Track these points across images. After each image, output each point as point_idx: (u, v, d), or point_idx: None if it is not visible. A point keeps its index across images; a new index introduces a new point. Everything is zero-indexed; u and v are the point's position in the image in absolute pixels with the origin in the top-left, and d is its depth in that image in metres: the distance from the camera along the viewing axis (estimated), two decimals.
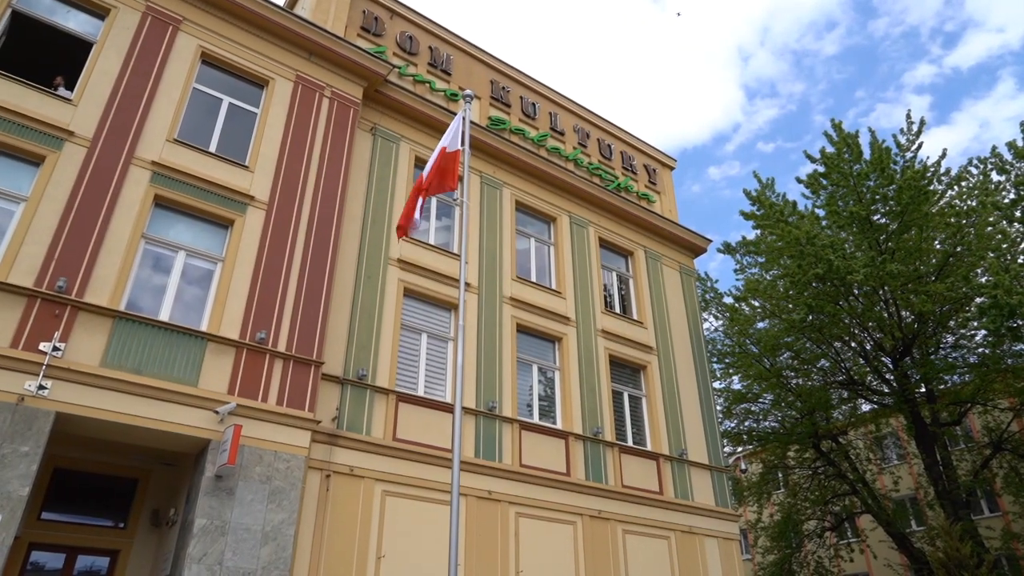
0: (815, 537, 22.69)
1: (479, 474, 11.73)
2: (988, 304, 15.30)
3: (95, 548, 10.03)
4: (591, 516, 12.83)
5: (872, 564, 27.31)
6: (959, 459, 21.56)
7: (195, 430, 9.09)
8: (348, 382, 11.11)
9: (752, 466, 25.26)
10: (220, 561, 8.62)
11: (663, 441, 14.97)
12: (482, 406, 12.44)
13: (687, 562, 13.77)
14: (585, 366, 14.50)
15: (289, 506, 9.36)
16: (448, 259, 13.46)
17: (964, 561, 14.18)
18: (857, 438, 23.35)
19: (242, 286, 10.37)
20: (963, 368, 19.26)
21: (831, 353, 21.32)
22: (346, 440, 10.64)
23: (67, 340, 8.61)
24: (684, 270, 18.44)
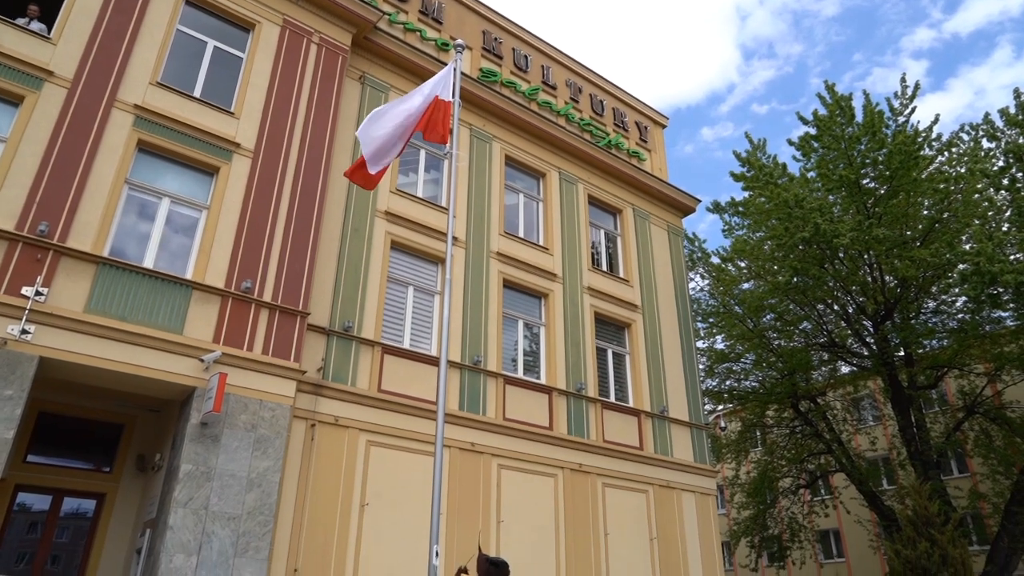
0: (790, 494, 23.30)
1: (463, 426, 11.90)
2: (970, 271, 15.46)
3: (81, 491, 10.17)
4: (572, 469, 13.10)
5: (843, 520, 28.18)
6: (933, 421, 22.07)
7: (180, 377, 9.13)
8: (334, 333, 11.15)
9: (731, 424, 25.77)
10: (206, 506, 8.76)
11: (645, 398, 15.21)
12: (467, 360, 12.55)
13: (664, 515, 14.15)
14: (570, 322, 14.61)
15: (274, 454, 9.48)
16: (436, 212, 13.39)
17: (931, 519, 14.64)
18: (835, 399, 23.80)
19: (227, 235, 10.29)
20: (942, 333, 19.55)
21: (814, 315, 21.58)
22: (331, 390, 10.73)
23: (50, 285, 8.55)
24: (672, 229, 18.46)
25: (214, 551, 8.60)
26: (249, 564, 8.76)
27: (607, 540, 12.99)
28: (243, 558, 8.74)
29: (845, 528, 29.63)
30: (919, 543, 14.28)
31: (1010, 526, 17.60)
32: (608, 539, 13.01)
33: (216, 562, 8.55)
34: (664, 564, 13.64)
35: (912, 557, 14.16)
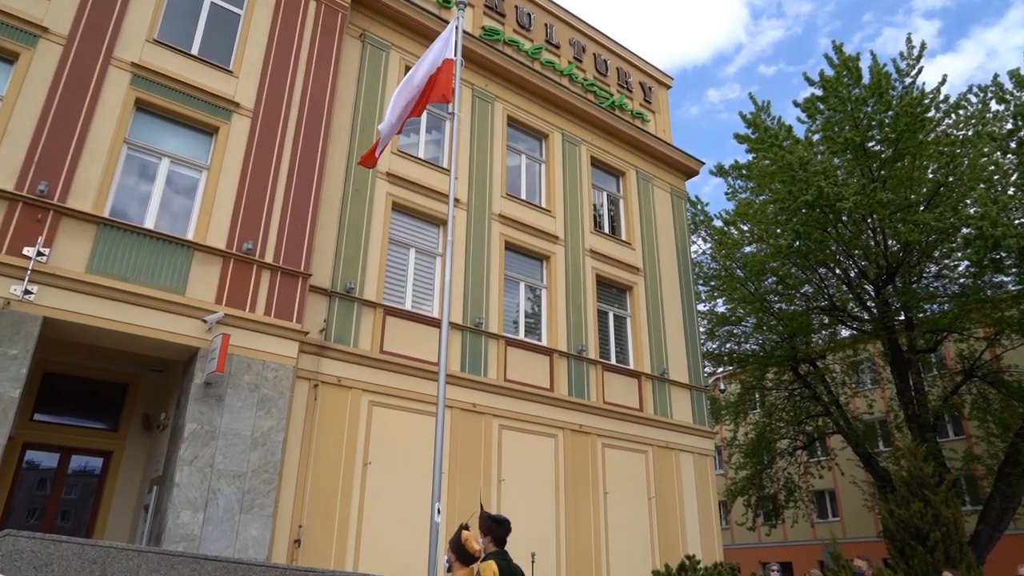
0: (787, 455, 23.62)
1: (464, 387, 12.01)
2: (973, 235, 15.39)
3: (88, 449, 10.32)
4: (572, 430, 13.25)
5: (839, 481, 28.61)
6: (931, 385, 22.23)
7: (183, 338, 9.18)
8: (336, 295, 11.17)
9: (731, 386, 25.98)
10: (211, 464, 8.89)
11: (645, 360, 15.30)
12: (469, 322, 12.60)
13: (663, 474, 14.36)
14: (572, 285, 14.62)
15: (278, 413, 9.58)
16: (437, 174, 13.29)
17: (926, 480, 14.84)
18: (834, 363, 23.94)
19: (228, 195, 10.23)
20: (943, 298, 19.57)
21: (815, 279, 21.57)
22: (334, 351, 10.80)
23: (51, 246, 8.54)
24: (675, 192, 18.34)
25: (220, 508, 8.76)
26: (255, 520, 8.93)
27: (606, 499, 13.22)
28: (248, 515, 8.91)
29: (840, 489, 30.09)
30: (913, 503, 14.50)
31: (1003, 487, 17.87)
32: (607, 498, 13.24)
33: (222, 518, 8.72)
34: (662, 522, 13.90)
35: (905, 516, 14.39)
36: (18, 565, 5.53)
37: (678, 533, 14.11)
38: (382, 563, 9.59)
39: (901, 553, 14.28)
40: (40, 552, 5.67)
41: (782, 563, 30.63)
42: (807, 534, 29.88)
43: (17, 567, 5.51)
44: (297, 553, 9.46)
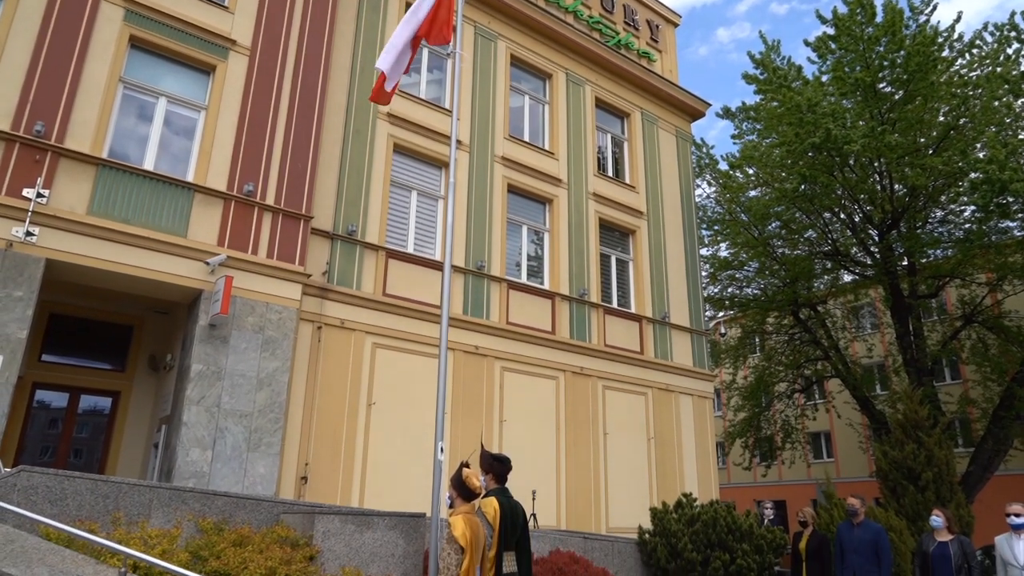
0: (784, 398, 23.95)
1: (467, 330, 12.10)
2: (981, 180, 15.21)
3: (97, 389, 10.50)
4: (573, 372, 13.41)
5: (835, 423, 29.10)
6: (930, 330, 22.34)
7: (186, 280, 9.20)
8: (338, 237, 11.14)
9: (731, 331, 26.15)
10: (218, 404, 9.04)
11: (647, 304, 15.37)
12: (471, 265, 12.60)
13: (662, 416, 14.61)
14: (575, 229, 14.56)
15: (282, 355, 9.69)
16: (439, 115, 13.08)
17: (920, 422, 15.08)
18: (835, 307, 24.02)
19: (227, 136, 10.10)
20: (947, 243, 19.48)
21: (819, 224, 21.43)
22: (336, 294, 10.85)
23: (51, 187, 8.48)
24: (680, 134, 18.06)
25: (228, 446, 8.95)
26: (262, 458, 9.14)
27: (606, 439, 13.48)
28: (256, 452, 9.11)
29: (836, 430, 30.63)
30: (907, 445, 14.78)
31: (996, 429, 18.17)
32: (607, 438, 13.50)
33: (230, 456, 8.92)
34: (660, 462, 14.22)
35: (899, 457, 14.69)
36: (34, 499, 5.69)
37: (676, 473, 14.44)
38: (386, 500, 9.85)
39: (893, 492, 14.64)
40: (55, 487, 5.83)
41: (776, 501, 31.52)
42: (802, 474, 30.59)
43: (33, 501, 5.68)
44: (304, 489, 9.72)
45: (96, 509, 5.94)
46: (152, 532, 5.68)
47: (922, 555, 7.39)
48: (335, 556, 5.80)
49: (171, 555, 5.40)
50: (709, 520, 9.47)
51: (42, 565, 4.86)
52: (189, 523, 6.20)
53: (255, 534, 6.03)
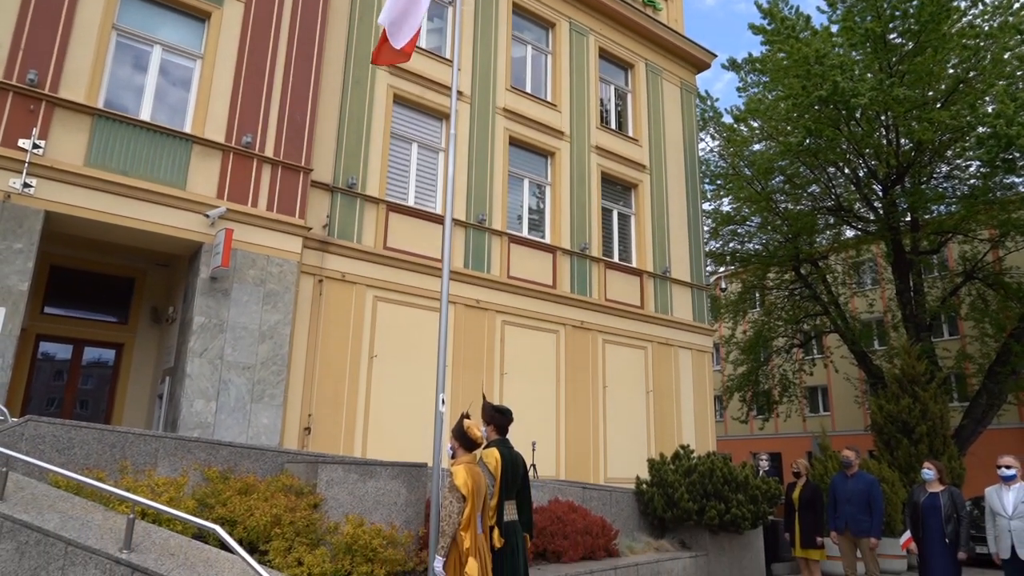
0: (783, 352, 24.14)
1: (468, 284, 12.12)
2: (987, 134, 15.04)
3: (100, 341, 10.57)
4: (574, 326, 13.48)
5: (832, 378, 29.39)
6: (931, 286, 22.37)
7: (186, 233, 9.17)
8: (338, 190, 11.06)
9: (732, 286, 26.18)
10: (221, 356, 9.11)
11: (648, 258, 15.35)
12: (472, 218, 12.54)
13: (661, 370, 14.75)
14: (577, 182, 14.44)
15: (284, 308, 9.73)
16: (440, 65, 12.83)
17: (917, 377, 15.24)
18: (836, 263, 24.01)
19: (224, 86, 9.93)
20: (951, 199, 19.36)
21: (823, 179, 21.26)
22: (337, 247, 10.82)
23: (47, 138, 8.38)
24: (685, 86, 17.75)
25: (232, 397, 9.06)
26: (265, 409, 9.26)
27: (605, 392, 13.64)
28: (259, 404, 9.23)
29: (833, 385, 30.96)
30: (902, 399, 14.96)
31: (991, 385, 18.36)
32: (606, 391, 13.65)
33: (234, 407, 9.04)
34: (658, 415, 14.41)
35: (894, 411, 14.89)
36: (42, 448, 5.78)
37: (674, 425, 14.64)
38: (389, 450, 10.02)
39: (887, 445, 14.89)
40: (62, 436, 5.92)
41: (771, 453, 32.08)
42: (798, 427, 31.04)
43: (41, 450, 5.77)
44: (307, 440, 9.88)
45: (103, 458, 6.04)
46: (159, 480, 5.79)
47: (912, 506, 7.55)
48: (339, 504, 5.93)
49: (178, 502, 5.51)
50: (706, 471, 9.64)
51: (52, 511, 4.96)
52: (195, 472, 6.32)
53: (260, 483, 6.14)
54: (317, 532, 5.68)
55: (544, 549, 7.67)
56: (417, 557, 6.09)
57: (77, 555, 4.61)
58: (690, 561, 9.25)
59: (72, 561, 4.60)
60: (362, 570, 5.39)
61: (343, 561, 5.39)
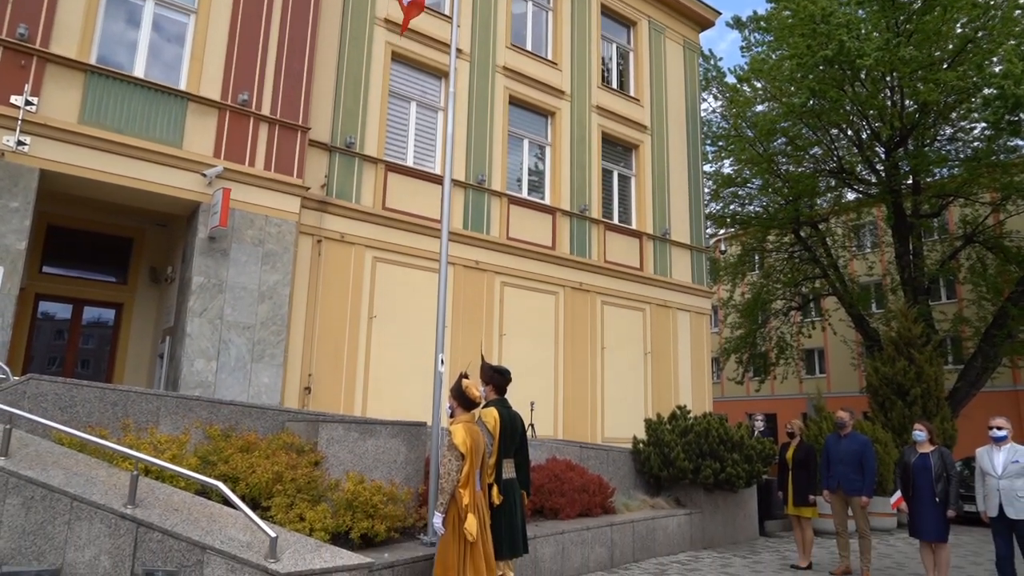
0: (781, 315, 24.24)
1: (467, 244, 12.09)
2: (994, 95, 14.87)
3: (99, 301, 10.59)
4: (573, 288, 13.50)
5: (829, 340, 29.54)
6: (930, 249, 22.37)
7: (183, 192, 9.11)
8: (336, 150, 10.95)
9: (731, 248, 26.15)
10: (220, 316, 9.14)
11: (648, 220, 15.29)
12: (471, 179, 12.45)
13: (659, 331, 14.82)
14: (577, 143, 14.30)
15: (283, 268, 9.72)
16: (439, 21, 12.58)
17: (913, 340, 15.35)
18: (836, 225, 23.95)
19: (219, 42, 9.74)
20: (955, 161, 19.23)
21: (826, 141, 21.08)
22: (336, 207, 10.76)
23: (39, 95, 8.25)
24: (688, 45, 17.44)
25: (232, 357, 9.11)
26: (266, 369, 9.33)
27: (604, 353, 13.72)
28: (260, 363, 9.29)
29: (829, 347, 31.15)
30: (898, 361, 15.09)
31: (986, 347, 18.50)
32: (605, 353, 13.74)
33: (235, 367, 9.10)
34: (656, 376, 14.53)
35: (889, 373, 15.04)
36: (44, 406, 5.84)
37: (671, 386, 14.78)
38: (388, 409, 10.12)
39: (881, 407, 15.07)
40: (64, 395, 5.97)
41: (767, 415, 32.46)
42: (794, 388, 31.34)
43: (44, 408, 5.82)
44: (308, 399, 9.97)
45: (105, 416, 6.10)
46: (161, 438, 5.85)
47: (903, 466, 7.67)
48: (339, 462, 6.01)
49: (180, 460, 5.59)
50: (702, 431, 9.76)
51: (57, 468, 5.03)
52: (197, 430, 6.39)
53: (261, 441, 6.22)
54: (318, 489, 5.77)
55: (542, 506, 7.81)
56: (417, 513, 6.20)
57: (82, 510, 4.69)
58: (685, 518, 9.43)
59: (78, 516, 4.69)
60: (363, 525, 5.49)
61: (344, 517, 5.49)
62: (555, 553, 7.19)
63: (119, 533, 4.63)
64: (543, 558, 7.01)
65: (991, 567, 8.33)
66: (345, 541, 5.43)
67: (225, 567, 4.53)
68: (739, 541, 10.40)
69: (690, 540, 9.44)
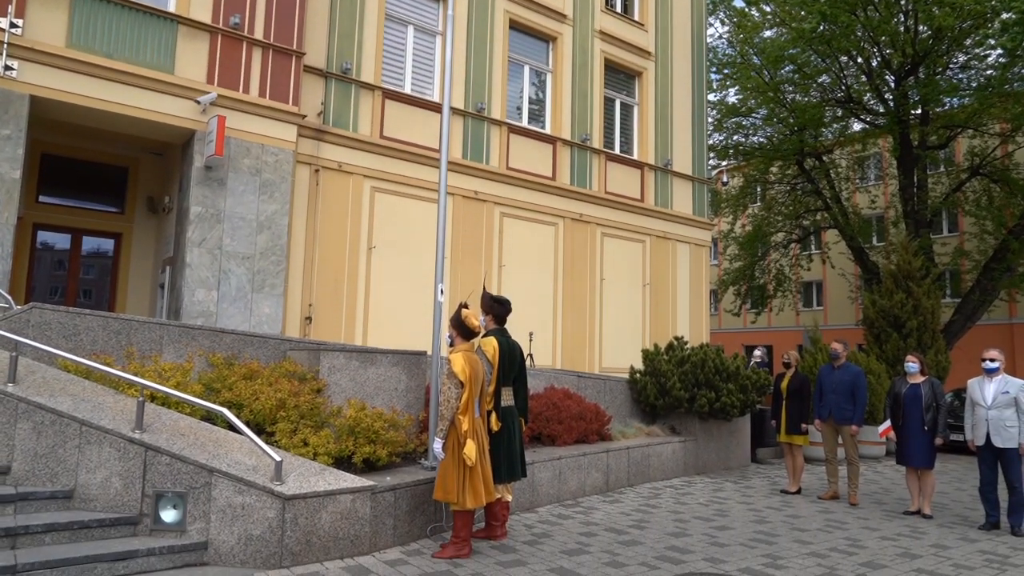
0: (781, 248, 24.20)
1: (466, 175, 11.96)
2: (1012, 20, 14.40)
3: (98, 231, 10.56)
4: (572, 219, 13.43)
5: (827, 273, 29.62)
6: (935, 182, 22.14)
7: (177, 120, 8.94)
8: (332, 76, 10.69)
9: (733, 180, 25.86)
10: (219, 246, 9.12)
11: (650, 150, 15.07)
12: (470, 107, 12.20)
13: (658, 263, 14.84)
14: (579, 69, 13.94)
15: (281, 198, 9.64)
16: None
17: (912, 273, 15.37)
18: (841, 157, 23.62)
19: None
20: (966, 90, 18.80)
21: (835, 68, 20.53)
22: (333, 136, 10.59)
23: (24, 17, 7.99)
24: None
25: (232, 287, 9.15)
26: (267, 299, 9.38)
27: (603, 285, 13.78)
28: (260, 294, 9.33)
29: (828, 280, 31.24)
30: (896, 294, 15.16)
31: (984, 281, 18.56)
32: (604, 284, 13.80)
33: (235, 297, 9.15)
34: (654, 308, 14.63)
35: (886, 306, 15.13)
36: (48, 335, 5.90)
37: (669, 318, 14.91)
38: (389, 339, 10.23)
39: (876, 339, 15.23)
40: (67, 323, 6.03)
41: (765, 346, 32.85)
42: (790, 321, 31.61)
43: (48, 336, 5.89)
44: (308, 329, 10.07)
45: (109, 344, 6.17)
46: (165, 366, 5.94)
47: (894, 396, 7.82)
48: (341, 390, 6.12)
49: (185, 387, 5.69)
50: (698, 361, 9.90)
51: (64, 394, 5.13)
52: (200, 358, 6.47)
53: (264, 369, 6.31)
54: (321, 415, 5.89)
55: (540, 433, 8.00)
56: (418, 439, 6.36)
57: (92, 434, 4.81)
58: (679, 445, 9.68)
59: (88, 440, 4.81)
60: (365, 451, 5.63)
61: (347, 442, 5.63)
62: (552, 477, 7.41)
63: (128, 457, 4.76)
64: (541, 482, 7.23)
65: (974, 492, 8.62)
66: (348, 465, 5.58)
67: (232, 489, 4.68)
68: (731, 467, 10.71)
69: (684, 466, 9.72)
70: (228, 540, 4.65)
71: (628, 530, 6.29)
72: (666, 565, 5.19)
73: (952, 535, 6.65)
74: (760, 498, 8.29)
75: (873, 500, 8.45)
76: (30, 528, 4.34)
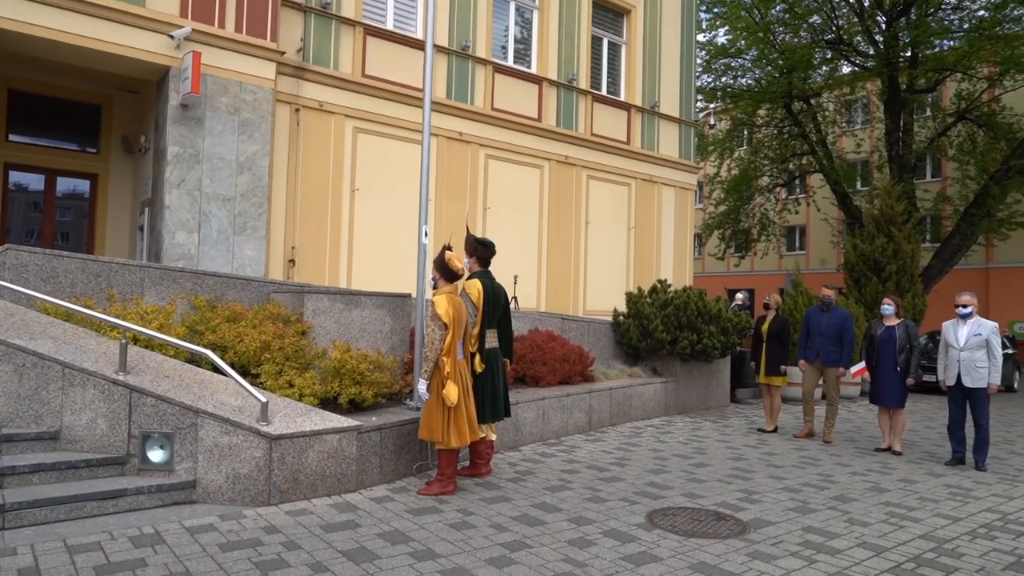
0: (766, 192, 24.20)
1: (450, 115, 11.74)
2: None
3: (72, 171, 10.32)
4: (558, 161, 13.30)
5: (811, 218, 29.72)
6: (921, 126, 22.08)
7: (150, 55, 8.63)
8: (311, 10, 10.33)
9: (721, 123, 25.60)
10: (199, 187, 8.96)
11: (637, 92, 14.84)
12: (455, 45, 11.89)
13: (643, 207, 14.80)
14: (566, 6, 13.56)
15: (261, 138, 9.44)
16: None
17: (894, 218, 15.50)
18: (829, 100, 23.42)
19: None
20: (957, 32, 18.60)
21: (826, 8, 20.17)
22: (313, 74, 10.31)
23: None
24: None
25: (213, 229, 9.03)
26: (249, 241, 9.29)
27: (588, 228, 13.76)
28: (242, 236, 9.23)
29: (811, 225, 31.39)
30: (877, 238, 15.31)
31: (964, 226, 18.76)
32: (589, 227, 13.78)
33: (217, 239, 9.04)
34: (639, 251, 14.67)
35: (867, 251, 15.29)
36: (26, 277, 5.82)
37: (653, 261, 14.97)
38: (373, 281, 10.21)
39: (856, 283, 15.45)
40: (45, 266, 5.94)
41: (747, 290, 33.17)
42: (773, 265, 31.87)
43: (25, 279, 5.81)
44: (292, 271, 10.02)
45: (88, 287, 6.11)
46: (147, 308, 5.91)
47: (869, 338, 7.99)
48: (325, 332, 6.13)
49: (168, 329, 5.67)
50: (681, 304, 10.00)
51: (45, 337, 5.10)
52: (182, 301, 6.44)
53: (247, 311, 6.29)
54: (306, 357, 5.92)
55: (524, 374, 8.11)
56: (403, 380, 6.42)
57: (75, 376, 4.80)
58: (660, 386, 9.86)
59: (71, 382, 4.81)
60: (350, 391, 5.69)
61: (332, 383, 5.67)
62: (536, 417, 7.55)
63: (113, 398, 4.78)
64: (524, 422, 7.37)
65: (943, 431, 8.91)
66: (334, 406, 5.64)
67: (219, 430, 4.72)
68: (711, 407, 10.96)
69: (665, 406, 9.93)
70: (216, 479, 4.72)
71: (609, 467, 6.46)
72: (645, 500, 5.35)
73: (920, 470, 6.90)
74: (738, 436, 8.51)
75: (846, 438, 8.72)
76: (17, 468, 4.38)
